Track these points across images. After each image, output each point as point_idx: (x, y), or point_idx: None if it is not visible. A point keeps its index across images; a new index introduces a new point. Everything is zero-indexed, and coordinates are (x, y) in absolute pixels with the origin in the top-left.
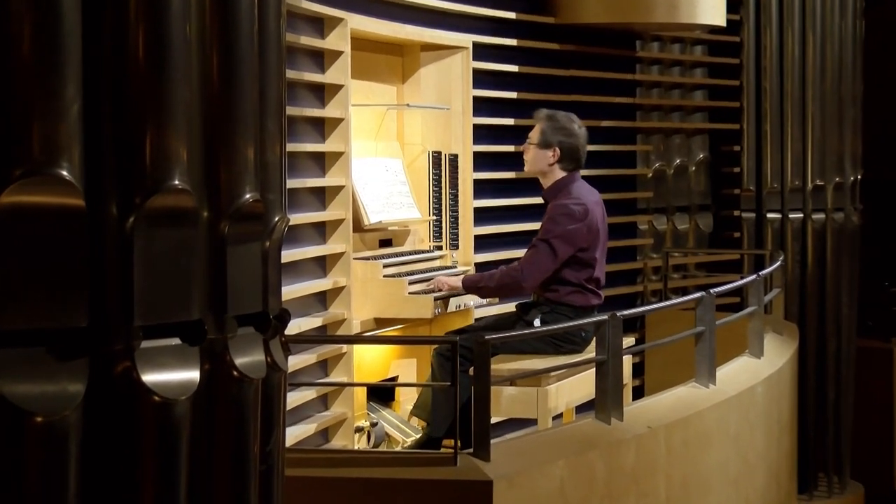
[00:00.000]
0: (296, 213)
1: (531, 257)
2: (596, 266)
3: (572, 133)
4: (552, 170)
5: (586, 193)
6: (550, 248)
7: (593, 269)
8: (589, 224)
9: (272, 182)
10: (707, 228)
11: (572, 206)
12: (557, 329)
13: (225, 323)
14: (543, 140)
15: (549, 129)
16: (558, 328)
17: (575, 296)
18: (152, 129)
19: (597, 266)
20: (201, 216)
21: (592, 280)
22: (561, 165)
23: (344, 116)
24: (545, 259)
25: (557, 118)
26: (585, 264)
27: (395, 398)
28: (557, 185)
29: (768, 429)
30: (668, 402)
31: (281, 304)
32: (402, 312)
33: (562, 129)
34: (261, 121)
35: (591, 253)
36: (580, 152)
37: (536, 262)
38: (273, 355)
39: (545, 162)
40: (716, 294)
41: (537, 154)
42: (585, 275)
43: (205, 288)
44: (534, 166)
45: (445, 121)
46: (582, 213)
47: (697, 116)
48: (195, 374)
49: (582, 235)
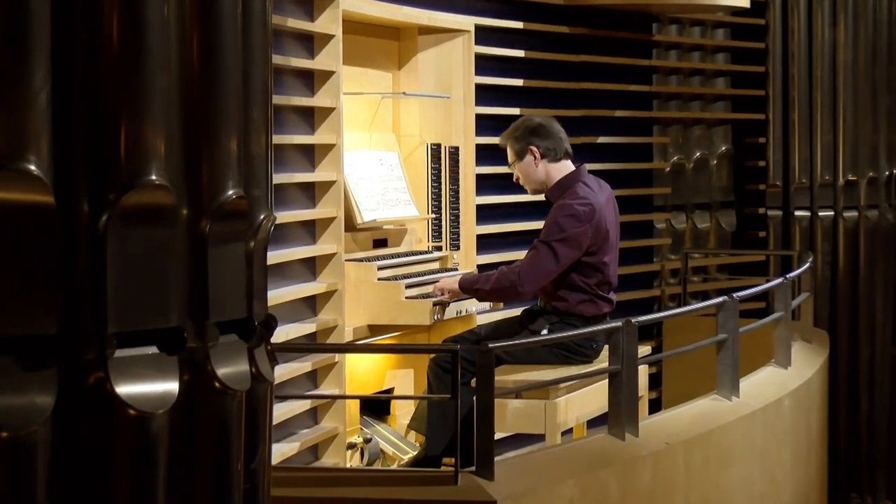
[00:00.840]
0: (283, 210)
1: (531, 260)
2: (606, 270)
3: (536, 126)
4: (547, 171)
5: (594, 191)
6: (552, 252)
7: (603, 274)
8: (596, 225)
9: (257, 177)
10: (729, 227)
11: (577, 207)
12: (567, 337)
13: (206, 330)
14: (516, 151)
15: (514, 139)
16: (568, 336)
17: (585, 305)
18: (127, 120)
19: (607, 270)
20: (180, 214)
21: (603, 285)
22: (549, 160)
23: (335, 105)
24: (546, 263)
25: (514, 127)
26: (594, 269)
27: (391, 412)
28: (561, 185)
29: (796, 445)
30: (687, 416)
31: (267, 310)
32: (399, 319)
33: (523, 129)
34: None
35: (600, 256)
36: (557, 137)
37: (536, 267)
38: (258, 365)
39: (533, 168)
40: (739, 299)
41: (522, 168)
42: (595, 280)
43: (184, 292)
44: (530, 182)
45: (445, 110)
46: (587, 215)
47: (719, 106)
48: (173, 385)
49: (588, 238)
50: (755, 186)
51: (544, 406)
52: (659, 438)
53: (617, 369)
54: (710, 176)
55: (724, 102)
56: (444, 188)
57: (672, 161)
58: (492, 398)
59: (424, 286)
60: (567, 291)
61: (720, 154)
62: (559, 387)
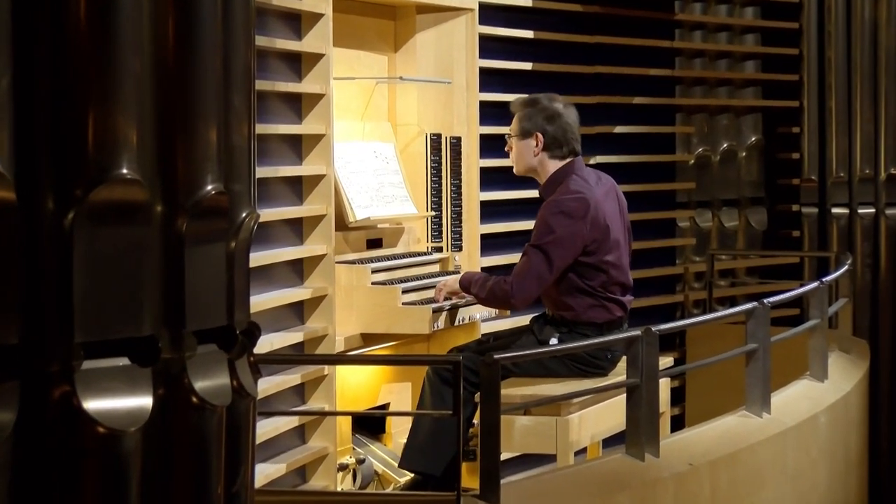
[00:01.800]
0: (267, 207)
1: (521, 268)
2: (611, 270)
3: (555, 114)
4: (542, 162)
5: (589, 184)
6: (544, 256)
7: (607, 275)
8: (593, 221)
9: (239, 170)
10: (760, 226)
11: (568, 203)
12: (580, 347)
13: (182, 339)
14: (522, 129)
15: (527, 115)
16: (580, 346)
17: (594, 311)
18: (95, 107)
19: (612, 270)
20: (154, 211)
21: (612, 286)
22: (550, 154)
23: (325, 92)
24: (538, 269)
25: (534, 101)
26: (596, 269)
27: (386, 430)
28: (554, 180)
29: (833, 466)
30: (713, 434)
31: (249, 317)
32: (395, 327)
33: (541, 111)
34: (225, 97)
35: (601, 255)
36: (568, 134)
37: (528, 275)
38: (240, 378)
39: (530, 153)
40: (770, 305)
41: (519, 147)
42: (598, 281)
43: (158, 297)
44: (520, 163)
45: (446, 97)
46: (580, 210)
47: (748, 92)
48: (147, 400)
49: (582, 236)
50: (788, 181)
51: (555, 423)
52: (682, 459)
53: (636, 383)
54: (738, 169)
55: (754, 88)
56: (444, 183)
57: (696, 153)
58: (497, 414)
59: (423, 291)
60: (571, 297)
61: (749, 145)
62: (572, 402)
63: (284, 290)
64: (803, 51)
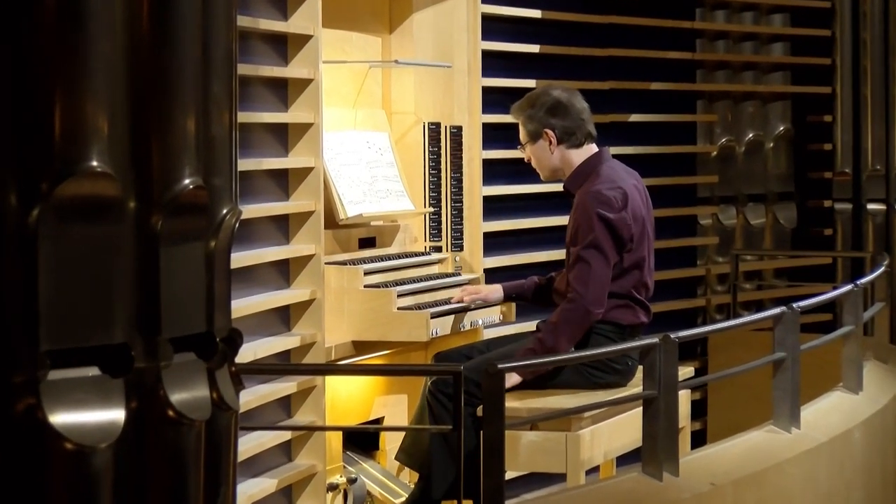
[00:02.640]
0: (250, 203)
1: (581, 274)
2: (644, 268)
3: (556, 104)
4: (563, 157)
5: (621, 175)
6: (598, 253)
7: (641, 273)
8: (632, 212)
9: (219, 163)
10: (789, 224)
11: (606, 192)
12: (594, 355)
13: (158, 347)
14: (529, 132)
15: (529, 117)
16: (595, 354)
17: (621, 311)
18: (63, 94)
19: (645, 268)
20: (127, 208)
21: (641, 288)
22: (567, 145)
23: (313, 77)
24: (599, 268)
25: (531, 100)
26: (633, 266)
27: (380, 446)
28: (581, 171)
29: (869, 485)
30: (737, 451)
31: (231, 323)
32: (390, 334)
33: (541, 106)
34: (204, 83)
35: (639, 252)
36: (578, 120)
37: (594, 279)
38: (220, 390)
39: (547, 154)
40: (800, 310)
41: (535, 152)
42: (632, 281)
43: (131, 302)
44: (544, 168)
45: (446, 82)
46: (620, 200)
47: (776, 77)
48: (119, 413)
49: (628, 227)
50: (820, 174)
51: (565, 439)
52: (703, 479)
53: (653, 395)
54: (765, 162)
55: (783, 73)
56: (444, 176)
57: (720, 144)
58: (501, 429)
59: (421, 294)
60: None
61: (777, 135)
62: (583, 416)
63: (269, 294)
64: (836, 32)
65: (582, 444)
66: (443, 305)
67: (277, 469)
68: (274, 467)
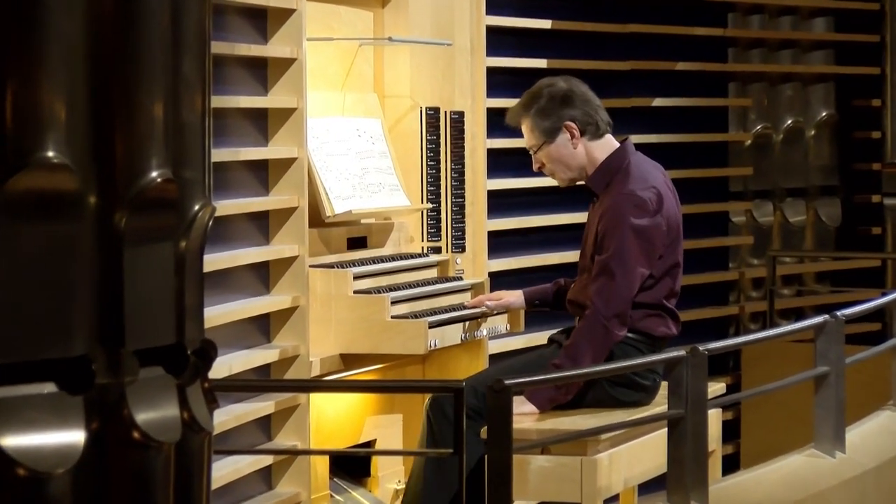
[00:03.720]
0: (225, 198)
1: (603, 286)
2: (677, 275)
3: (565, 93)
4: (588, 152)
5: (650, 170)
6: (628, 266)
7: (674, 280)
8: (668, 215)
9: (190, 153)
10: (832, 222)
11: (640, 193)
12: (613, 370)
13: (121, 361)
14: (545, 130)
15: (537, 116)
16: (614, 368)
17: (652, 321)
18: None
19: (677, 275)
20: (87, 203)
21: (673, 296)
22: (590, 137)
23: (296, 56)
24: (622, 281)
25: (535, 96)
26: (665, 273)
27: (371, 472)
28: (606, 167)
29: None
30: (774, 477)
31: (203, 334)
32: (382, 346)
33: (550, 99)
34: (174, 62)
35: (672, 257)
36: (590, 108)
37: (618, 292)
38: (192, 409)
39: (569, 151)
40: (845, 318)
41: (554, 153)
42: (665, 289)
43: (92, 309)
44: (566, 169)
45: (446, 62)
46: (655, 202)
47: (818, 56)
48: (78, 435)
49: (661, 234)
50: (867, 166)
51: (580, 464)
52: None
53: (679, 414)
54: (805, 151)
55: (825, 51)
56: (444, 168)
57: (754, 131)
58: (509, 454)
59: (417, 301)
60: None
61: (820, 122)
62: (600, 438)
63: (246, 301)
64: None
65: (599, 470)
66: (442, 314)
67: (256, 498)
68: (252, 496)
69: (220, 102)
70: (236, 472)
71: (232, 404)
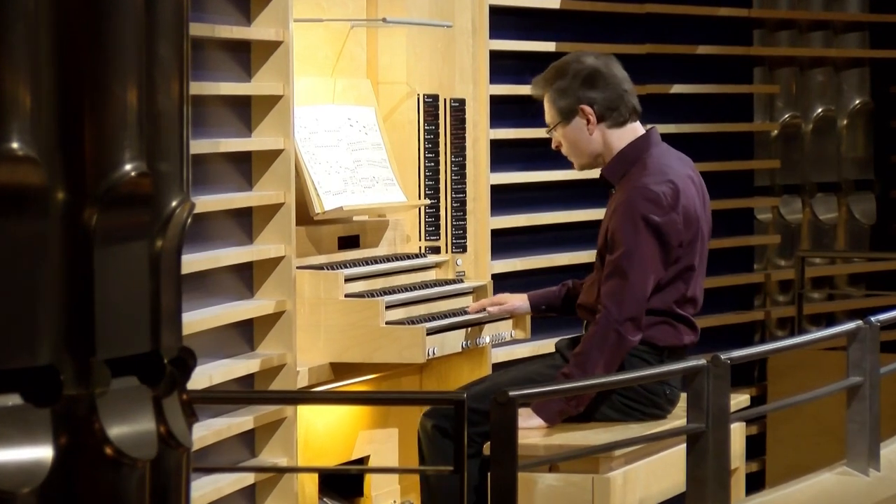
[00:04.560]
0: (205, 193)
1: (614, 288)
2: (692, 280)
3: (593, 72)
4: (605, 139)
5: (672, 164)
6: (641, 266)
7: (687, 285)
8: (684, 212)
9: (167, 145)
10: (867, 219)
11: (654, 187)
12: (627, 380)
13: (92, 371)
14: (561, 110)
15: (559, 91)
16: (628, 378)
17: (660, 329)
18: None
19: (693, 280)
20: (54, 199)
21: (686, 302)
22: (609, 124)
23: (282, 38)
24: (636, 283)
25: (560, 70)
26: (677, 277)
27: (364, 492)
28: (623, 157)
29: None
30: (802, 497)
31: (181, 342)
32: (376, 354)
33: (574, 76)
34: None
35: (688, 260)
36: (620, 91)
37: (626, 294)
38: (169, 423)
39: (585, 136)
40: (880, 324)
41: (569, 135)
42: (675, 294)
43: (60, 314)
44: (580, 154)
45: (445, 45)
46: (670, 196)
47: (852, 38)
48: (45, 451)
49: (678, 232)
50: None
51: (591, 483)
52: None
53: (700, 429)
54: (837, 143)
55: (860, 34)
56: (443, 161)
57: (782, 121)
58: (514, 472)
59: (414, 306)
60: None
61: (853, 110)
62: (614, 455)
63: (228, 305)
64: None
65: (613, 489)
66: (441, 319)
67: None
68: None
69: (200, 89)
70: (217, 491)
71: (212, 418)
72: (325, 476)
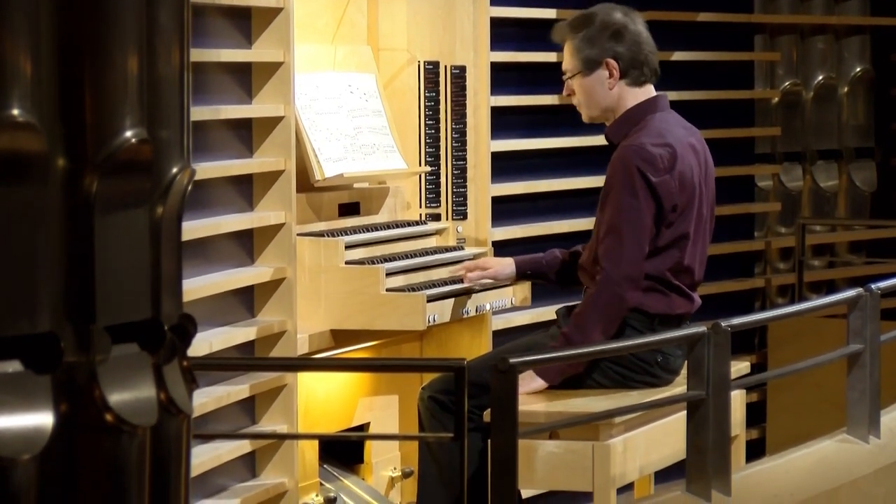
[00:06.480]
0: (206, 160)
1: (610, 249)
2: (688, 248)
3: (622, 27)
4: (621, 95)
5: (674, 129)
6: (637, 223)
7: (682, 252)
8: (680, 178)
9: (167, 111)
10: (868, 187)
11: (651, 149)
12: (626, 348)
13: (92, 337)
14: (585, 59)
15: (586, 39)
16: (627, 346)
17: (651, 296)
18: None
19: (689, 248)
20: (54, 166)
21: (681, 271)
22: (629, 81)
23: (282, 5)
24: (632, 242)
25: (588, 18)
26: (670, 244)
27: (364, 459)
28: (628, 117)
29: None
30: (803, 465)
31: (182, 309)
32: (377, 321)
33: (603, 28)
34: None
35: (682, 227)
36: (645, 50)
37: (628, 251)
38: (169, 389)
39: (604, 89)
40: (881, 292)
41: (586, 85)
42: (669, 262)
43: (59, 282)
44: (593, 105)
45: (445, 12)
46: (667, 160)
47: (852, 6)
48: (45, 418)
49: (671, 194)
50: None
51: (592, 450)
52: (762, 498)
53: (700, 396)
54: (838, 110)
55: (860, 1)
56: (443, 128)
57: (783, 88)
58: (514, 439)
59: (414, 273)
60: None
61: (854, 77)
62: (614, 422)
63: (228, 272)
64: None
65: (613, 457)
66: (442, 286)
67: (239, 486)
68: (235, 484)
69: (200, 56)
70: (217, 458)
71: (212, 385)
72: (326, 443)
